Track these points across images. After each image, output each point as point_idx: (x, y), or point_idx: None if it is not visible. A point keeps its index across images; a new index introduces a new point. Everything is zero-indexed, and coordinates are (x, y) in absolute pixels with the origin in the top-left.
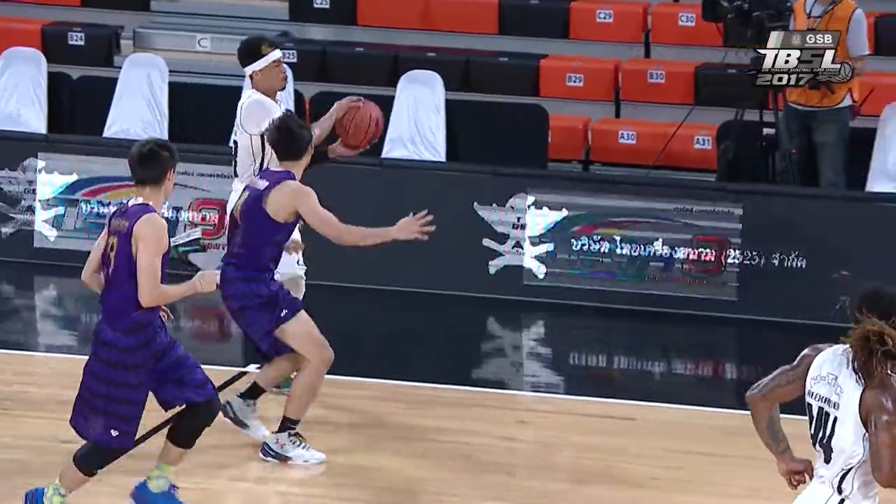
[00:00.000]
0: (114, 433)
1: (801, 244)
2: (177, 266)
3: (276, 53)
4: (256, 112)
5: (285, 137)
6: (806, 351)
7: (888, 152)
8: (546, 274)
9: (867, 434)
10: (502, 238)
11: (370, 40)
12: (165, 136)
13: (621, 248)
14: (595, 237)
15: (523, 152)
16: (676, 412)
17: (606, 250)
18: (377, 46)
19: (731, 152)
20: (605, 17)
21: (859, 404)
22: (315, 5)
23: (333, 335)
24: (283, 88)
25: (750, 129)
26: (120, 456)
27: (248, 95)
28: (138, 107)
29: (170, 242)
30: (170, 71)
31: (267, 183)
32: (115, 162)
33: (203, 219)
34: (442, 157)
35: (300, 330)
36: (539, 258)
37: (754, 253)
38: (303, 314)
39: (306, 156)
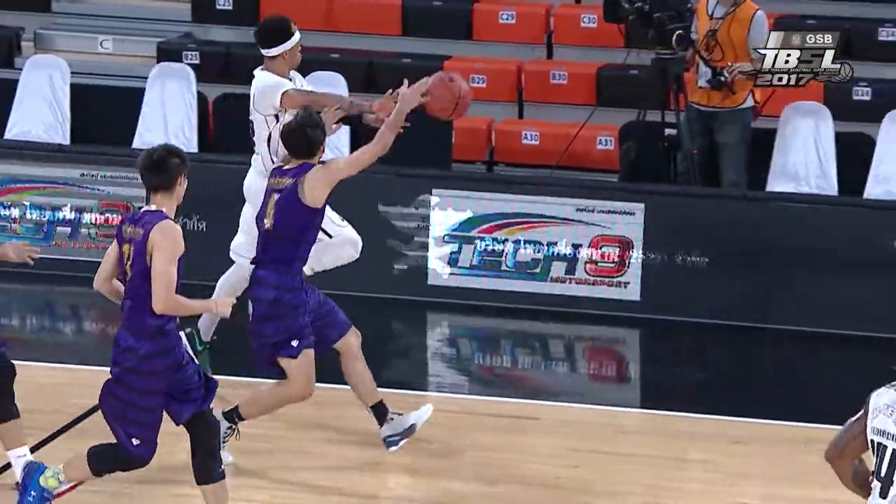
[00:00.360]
0: (135, 442)
1: (703, 244)
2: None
3: (298, 32)
4: (269, 92)
5: (297, 137)
6: (870, 397)
7: (788, 153)
8: (450, 274)
9: None
10: (406, 238)
11: None
12: (67, 139)
13: (525, 248)
14: (499, 237)
15: (427, 153)
16: (579, 411)
17: (510, 250)
18: None
19: (633, 153)
20: (507, 19)
21: None
22: (218, 7)
23: (239, 336)
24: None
25: (652, 129)
26: (136, 468)
27: (262, 79)
28: (40, 109)
29: None
30: (71, 72)
31: (293, 179)
32: (17, 164)
33: (107, 220)
34: (346, 156)
35: (298, 363)
36: (443, 258)
37: (656, 252)
38: (308, 351)
39: (319, 154)
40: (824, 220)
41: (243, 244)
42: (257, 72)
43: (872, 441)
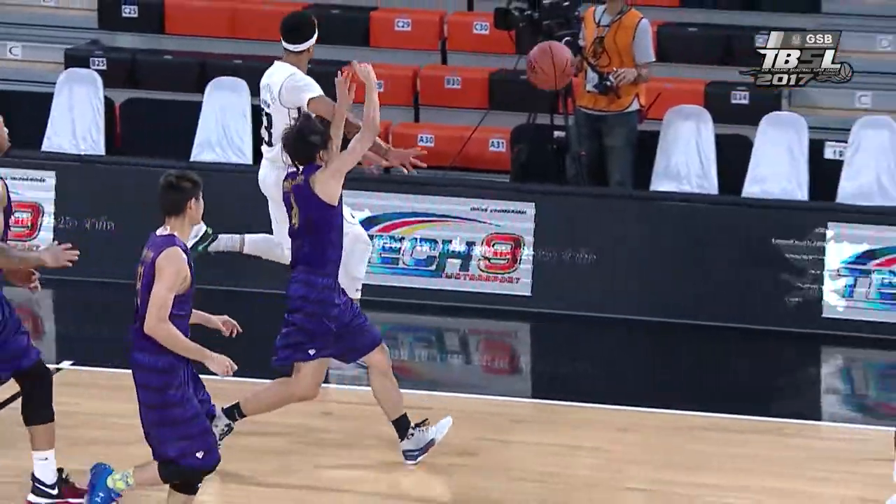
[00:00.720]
0: (199, 455)
1: (591, 241)
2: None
3: None
4: (299, 90)
5: (298, 144)
6: None
7: (671, 154)
8: None
9: None
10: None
11: (178, 48)
12: None
13: (421, 246)
14: (396, 236)
15: None
16: (474, 402)
17: (407, 248)
18: (185, 54)
19: (524, 154)
20: (403, 26)
21: None
22: (124, 14)
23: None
24: None
25: (542, 132)
26: (205, 476)
27: (290, 73)
28: None
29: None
30: None
31: (303, 176)
32: None
33: (16, 221)
34: (249, 160)
35: (310, 366)
36: None
37: (547, 249)
38: (323, 359)
39: (321, 158)
40: (705, 217)
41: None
42: (281, 65)
43: None
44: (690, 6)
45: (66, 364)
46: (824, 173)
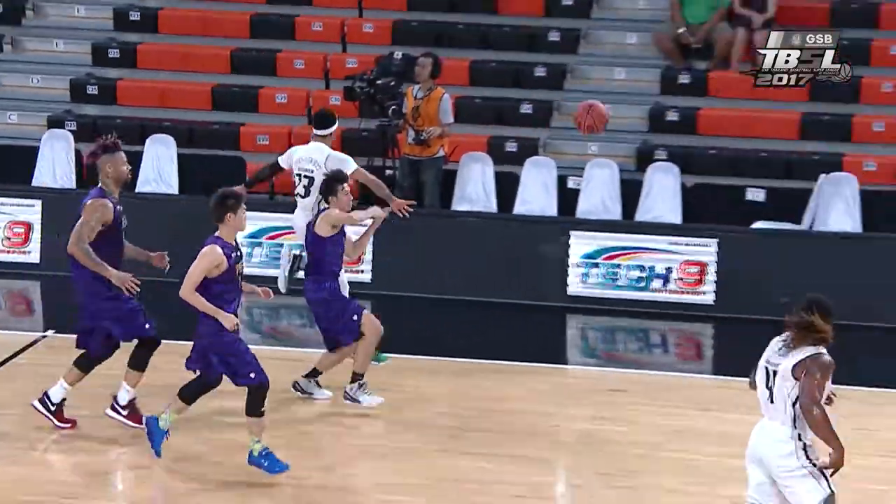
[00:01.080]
0: (252, 375)
1: (414, 246)
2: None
3: None
4: (341, 162)
5: (325, 184)
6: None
7: (465, 185)
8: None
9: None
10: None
11: (126, 115)
12: None
13: (293, 250)
14: (277, 243)
15: (226, 184)
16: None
17: (284, 251)
18: (131, 119)
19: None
20: (281, 99)
21: (794, 365)
22: (88, 91)
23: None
24: None
25: (377, 172)
26: (266, 391)
27: (329, 150)
28: None
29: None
30: None
31: (315, 217)
32: None
33: (14, 234)
34: (175, 191)
35: (364, 324)
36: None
37: (383, 251)
38: (366, 314)
39: (334, 203)
40: (489, 229)
41: None
42: (316, 145)
43: (764, 368)
44: (477, 85)
45: (50, 332)
46: (567, 198)
